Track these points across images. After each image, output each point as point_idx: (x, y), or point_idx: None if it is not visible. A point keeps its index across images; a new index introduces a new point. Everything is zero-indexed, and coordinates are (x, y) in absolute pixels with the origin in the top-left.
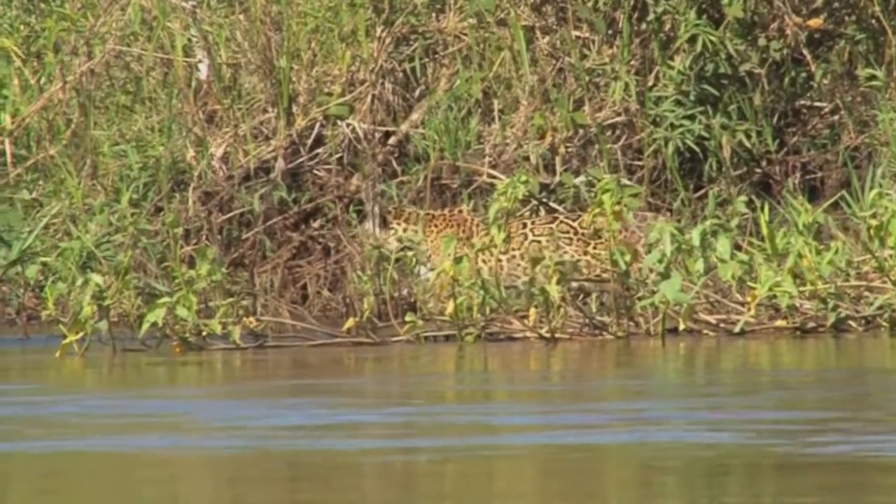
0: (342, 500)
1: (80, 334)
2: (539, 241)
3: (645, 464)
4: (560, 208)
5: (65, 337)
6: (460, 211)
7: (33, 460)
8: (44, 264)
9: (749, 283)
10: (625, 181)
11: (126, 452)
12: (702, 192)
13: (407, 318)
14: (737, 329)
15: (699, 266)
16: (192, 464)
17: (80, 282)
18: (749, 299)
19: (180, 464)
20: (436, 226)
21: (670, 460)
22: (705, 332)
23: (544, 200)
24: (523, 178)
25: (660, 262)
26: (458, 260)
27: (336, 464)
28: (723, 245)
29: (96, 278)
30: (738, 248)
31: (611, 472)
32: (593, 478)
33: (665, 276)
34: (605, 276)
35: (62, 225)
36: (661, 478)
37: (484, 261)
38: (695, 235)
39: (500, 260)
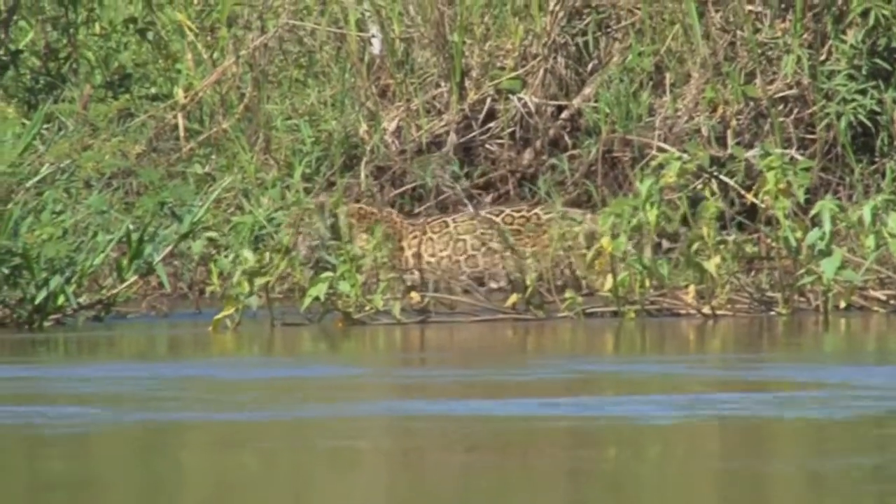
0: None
1: (233, 309)
2: (464, 240)
3: None
4: (731, 182)
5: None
6: (390, 213)
7: (211, 426)
8: (209, 239)
9: None
10: (796, 155)
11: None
12: (874, 166)
13: (567, 295)
14: None
15: (870, 242)
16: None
17: (231, 257)
18: None
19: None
20: (366, 221)
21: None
22: (875, 308)
23: (715, 174)
24: (676, 155)
25: (821, 239)
26: (615, 236)
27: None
28: (894, 221)
29: (247, 254)
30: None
31: None
32: None
33: (827, 253)
34: (772, 253)
35: (234, 199)
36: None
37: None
38: (866, 211)
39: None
